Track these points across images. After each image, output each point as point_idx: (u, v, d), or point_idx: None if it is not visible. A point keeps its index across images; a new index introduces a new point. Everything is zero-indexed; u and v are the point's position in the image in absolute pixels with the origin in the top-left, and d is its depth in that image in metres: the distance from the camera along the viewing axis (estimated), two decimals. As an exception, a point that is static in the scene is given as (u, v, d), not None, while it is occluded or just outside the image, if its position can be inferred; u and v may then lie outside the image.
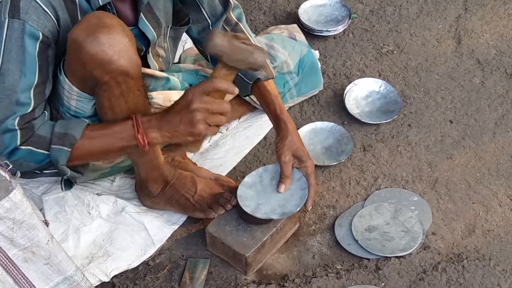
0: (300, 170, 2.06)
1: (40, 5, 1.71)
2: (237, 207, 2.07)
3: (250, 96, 2.31)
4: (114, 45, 1.71)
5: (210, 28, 2.10)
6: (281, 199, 2.04)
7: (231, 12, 2.11)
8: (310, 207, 2.09)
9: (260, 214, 2.01)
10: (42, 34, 1.73)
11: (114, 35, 1.71)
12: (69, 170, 1.84)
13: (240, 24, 2.13)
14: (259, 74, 2.11)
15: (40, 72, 1.76)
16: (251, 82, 2.13)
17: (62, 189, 1.95)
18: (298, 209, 2.01)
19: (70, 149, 1.78)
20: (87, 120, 1.86)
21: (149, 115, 1.80)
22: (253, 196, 2.06)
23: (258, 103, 2.43)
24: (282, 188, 2.05)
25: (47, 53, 1.77)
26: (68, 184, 1.96)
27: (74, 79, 1.80)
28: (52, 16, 1.74)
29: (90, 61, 1.71)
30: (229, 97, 2.34)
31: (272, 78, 2.16)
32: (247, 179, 2.09)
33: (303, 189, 2.04)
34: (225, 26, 2.10)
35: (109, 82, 1.76)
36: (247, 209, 2.01)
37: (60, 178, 1.94)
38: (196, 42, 2.19)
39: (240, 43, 1.73)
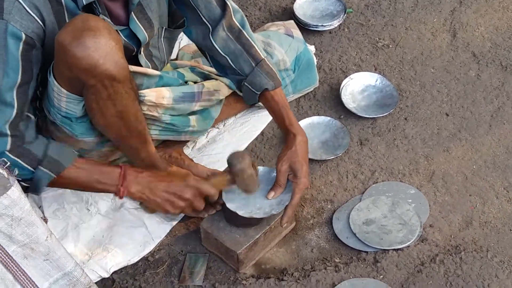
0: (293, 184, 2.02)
1: (23, 6, 1.71)
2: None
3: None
4: (100, 48, 1.71)
5: (211, 35, 2.05)
6: (262, 203, 2.02)
7: (233, 17, 2.06)
8: (285, 225, 2.05)
9: (241, 212, 1.99)
10: (25, 34, 1.72)
11: (100, 39, 1.71)
12: (44, 188, 1.86)
13: (243, 31, 2.07)
14: (266, 84, 2.06)
15: (23, 72, 1.75)
16: (258, 93, 2.08)
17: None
18: (265, 217, 1.99)
19: (54, 176, 1.82)
20: (77, 153, 1.91)
21: (135, 168, 1.95)
22: (237, 195, 2.04)
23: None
24: (271, 195, 2.01)
25: (31, 54, 1.76)
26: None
27: (62, 81, 1.80)
28: (36, 18, 1.74)
29: (76, 65, 1.71)
30: (225, 92, 2.33)
31: (280, 86, 2.10)
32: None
33: (283, 203, 2.01)
34: (229, 34, 2.05)
35: (96, 85, 1.76)
36: (228, 205, 2.01)
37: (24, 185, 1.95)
38: (197, 45, 2.15)
39: (255, 176, 1.99)
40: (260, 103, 2.28)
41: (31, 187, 1.83)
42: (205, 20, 2.05)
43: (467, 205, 2.24)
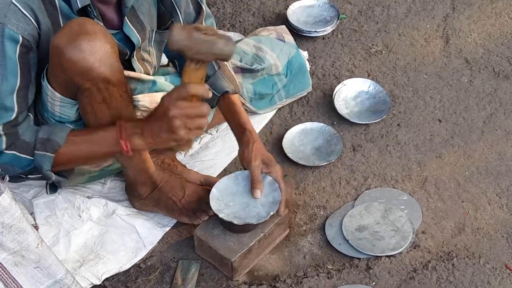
0: (270, 175, 2.04)
1: (19, 8, 1.70)
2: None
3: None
4: (95, 52, 1.71)
5: None
6: (251, 206, 2.02)
7: (203, 21, 2.09)
8: (284, 212, 2.06)
9: (236, 221, 1.97)
10: (22, 37, 1.72)
11: (96, 42, 1.71)
12: (53, 175, 1.85)
13: None
14: (227, 87, 2.11)
15: (22, 75, 1.75)
16: (219, 95, 2.12)
17: (47, 193, 1.98)
18: (271, 214, 1.98)
19: (53, 155, 1.80)
20: (70, 126, 1.86)
21: (134, 120, 1.80)
22: (225, 205, 2.04)
23: (246, 105, 2.44)
24: (258, 193, 2.01)
25: (29, 57, 1.76)
26: (53, 188, 1.96)
27: (56, 85, 1.80)
28: (32, 19, 1.73)
29: (72, 68, 1.71)
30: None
31: (238, 92, 2.18)
32: (215, 189, 2.05)
33: (275, 190, 2.02)
34: None
35: (91, 88, 1.76)
36: (219, 213, 1.99)
37: (45, 182, 1.94)
38: (169, 58, 2.20)
39: (201, 34, 1.63)
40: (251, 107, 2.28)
41: (44, 177, 1.83)
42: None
43: (460, 211, 2.24)
